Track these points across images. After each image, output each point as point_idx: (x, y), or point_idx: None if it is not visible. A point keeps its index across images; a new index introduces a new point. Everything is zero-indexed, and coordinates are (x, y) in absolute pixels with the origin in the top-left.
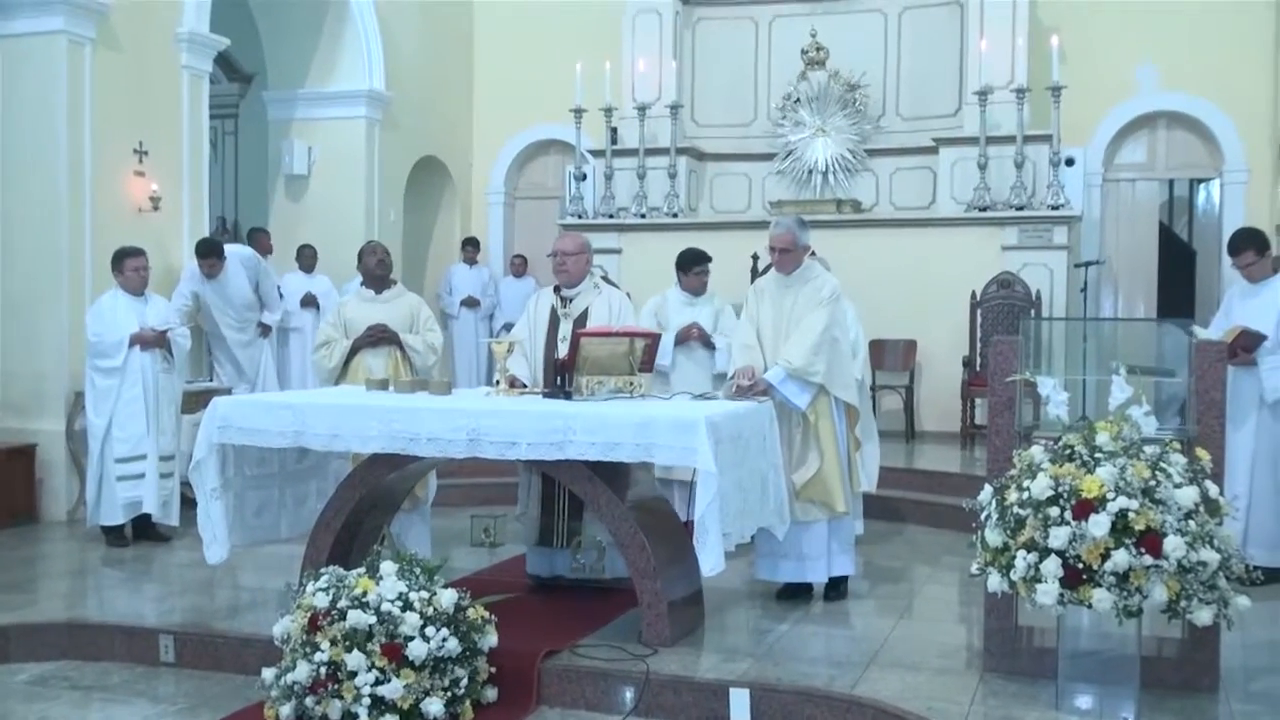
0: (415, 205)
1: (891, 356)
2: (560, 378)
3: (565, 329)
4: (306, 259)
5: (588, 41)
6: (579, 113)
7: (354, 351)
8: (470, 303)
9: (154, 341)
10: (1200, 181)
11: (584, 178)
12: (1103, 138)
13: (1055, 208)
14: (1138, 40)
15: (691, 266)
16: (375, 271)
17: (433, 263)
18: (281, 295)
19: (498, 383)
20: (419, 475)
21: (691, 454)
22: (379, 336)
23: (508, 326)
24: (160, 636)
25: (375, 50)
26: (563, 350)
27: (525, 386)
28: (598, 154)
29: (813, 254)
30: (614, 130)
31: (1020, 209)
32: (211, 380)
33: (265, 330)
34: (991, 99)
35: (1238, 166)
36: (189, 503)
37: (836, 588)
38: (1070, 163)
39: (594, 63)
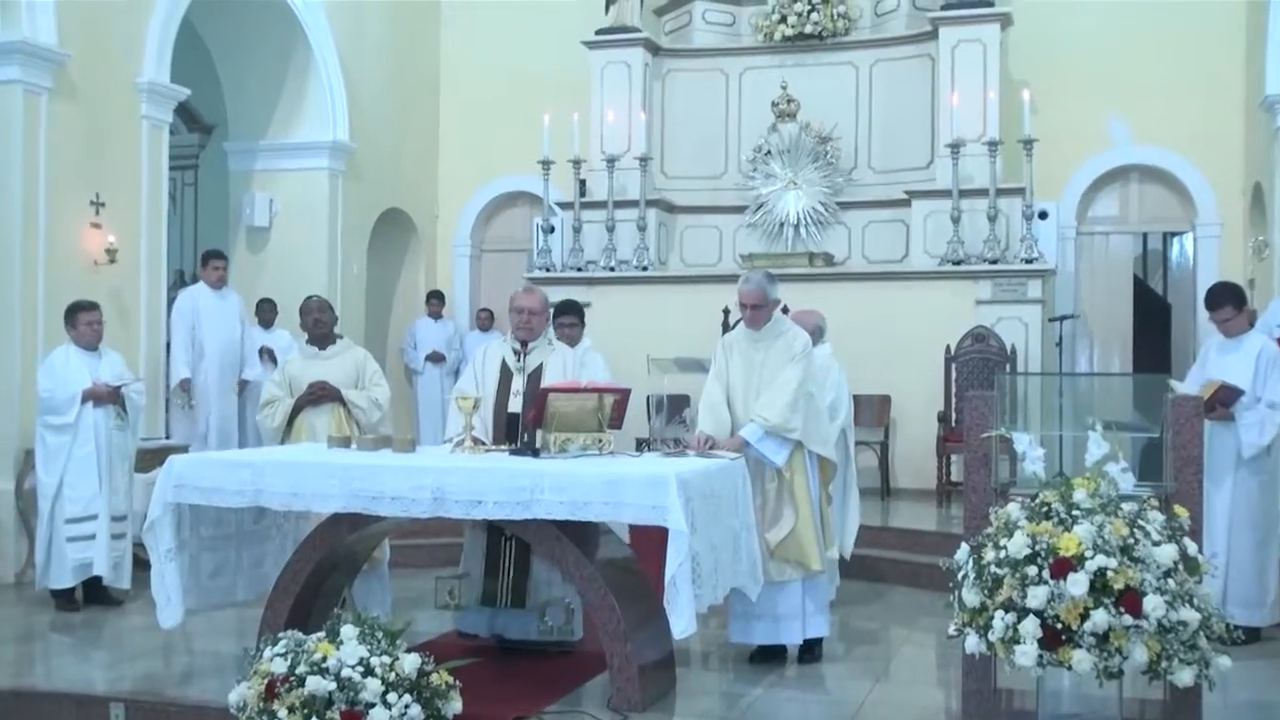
0: (379, 258)
1: (866, 412)
2: (516, 433)
3: (519, 383)
4: (265, 313)
5: (556, 92)
6: (547, 164)
7: (298, 410)
8: (435, 358)
9: (107, 397)
10: (1174, 235)
11: (552, 230)
12: (1076, 191)
13: (1029, 261)
14: (1109, 93)
15: (557, 318)
16: (312, 330)
17: (397, 317)
18: (268, 356)
19: (462, 440)
20: (381, 536)
21: (662, 512)
22: (319, 394)
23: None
24: (111, 705)
25: (339, 100)
26: (515, 405)
27: (485, 443)
28: (566, 206)
29: (785, 309)
30: (582, 182)
31: (994, 262)
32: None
33: (242, 386)
34: (964, 151)
35: (1211, 220)
36: (142, 565)
37: (811, 650)
38: (1044, 216)
39: (562, 114)
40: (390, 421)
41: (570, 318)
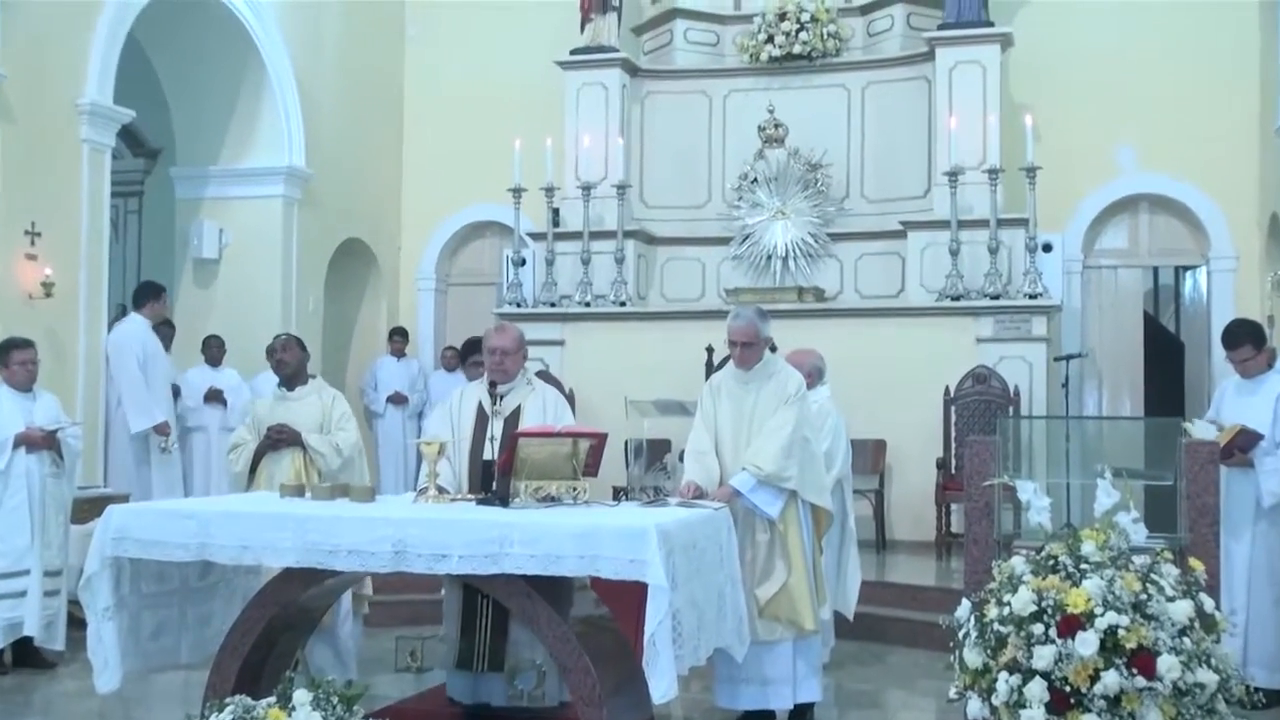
0: (337, 292)
1: (860, 458)
2: (494, 482)
3: (495, 428)
4: (213, 351)
5: (528, 116)
6: (518, 192)
7: (260, 455)
8: (397, 399)
9: (42, 443)
10: (1186, 269)
11: (523, 263)
12: (1082, 222)
13: (1033, 296)
14: (1116, 119)
15: (468, 356)
16: (276, 370)
17: (356, 355)
18: (178, 394)
19: (425, 489)
20: (338, 592)
21: (641, 566)
22: (277, 438)
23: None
24: None
25: (295, 123)
26: (491, 451)
27: (448, 492)
28: (538, 237)
29: (773, 348)
30: (556, 211)
31: (995, 298)
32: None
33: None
34: (962, 180)
35: (1225, 253)
36: (77, 624)
37: (803, 716)
38: (1048, 248)
39: (534, 139)
40: (357, 469)
41: (477, 356)
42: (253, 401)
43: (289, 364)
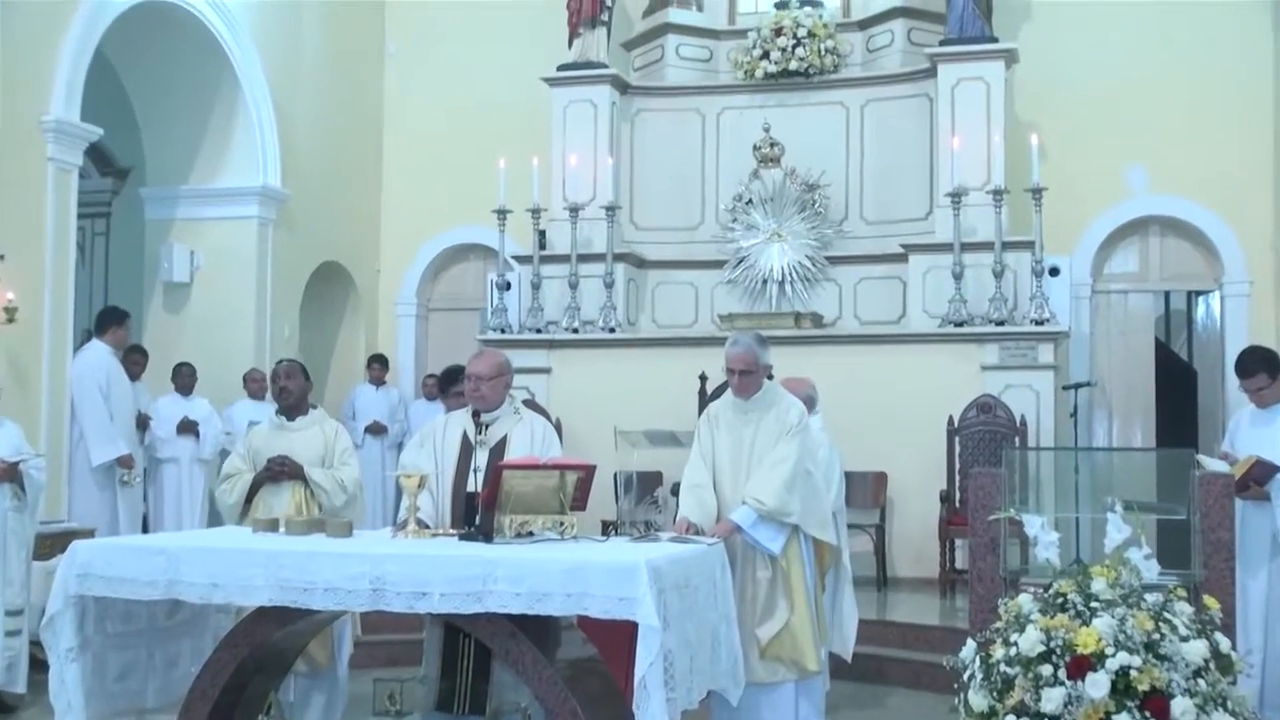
0: (314, 317)
1: (859, 491)
2: (477, 516)
3: (480, 459)
4: (184, 379)
5: (513, 134)
6: (503, 214)
7: (256, 487)
8: (376, 429)
9: (3, 474)
10: (1199, 294)
11: (508, 287)
12: (1090, 245)
13: (1040, 322)
14: (1125, 138)
15: (448, 386)
16: (278, 399)
17: (334, 383)
18: (147, 424)
19: (405, 523)
20: (313, 631)
21: (631, 605)
22: (278, 471)
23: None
24: None
25: (270, 142)
26: (475, 483)
27: (429, 526)
28: (524, 260)
29: (771, 375)
30: (542, 233)
31: (1001, 324)
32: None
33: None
34: (966, 201)
35: (1239, 277)
36: (40, 666)
37: None
38: (1055, 272)
39: (520, 158)
40: (359, 506)
41: (458, 386)
42: (249, 430)
43: (292, 392)
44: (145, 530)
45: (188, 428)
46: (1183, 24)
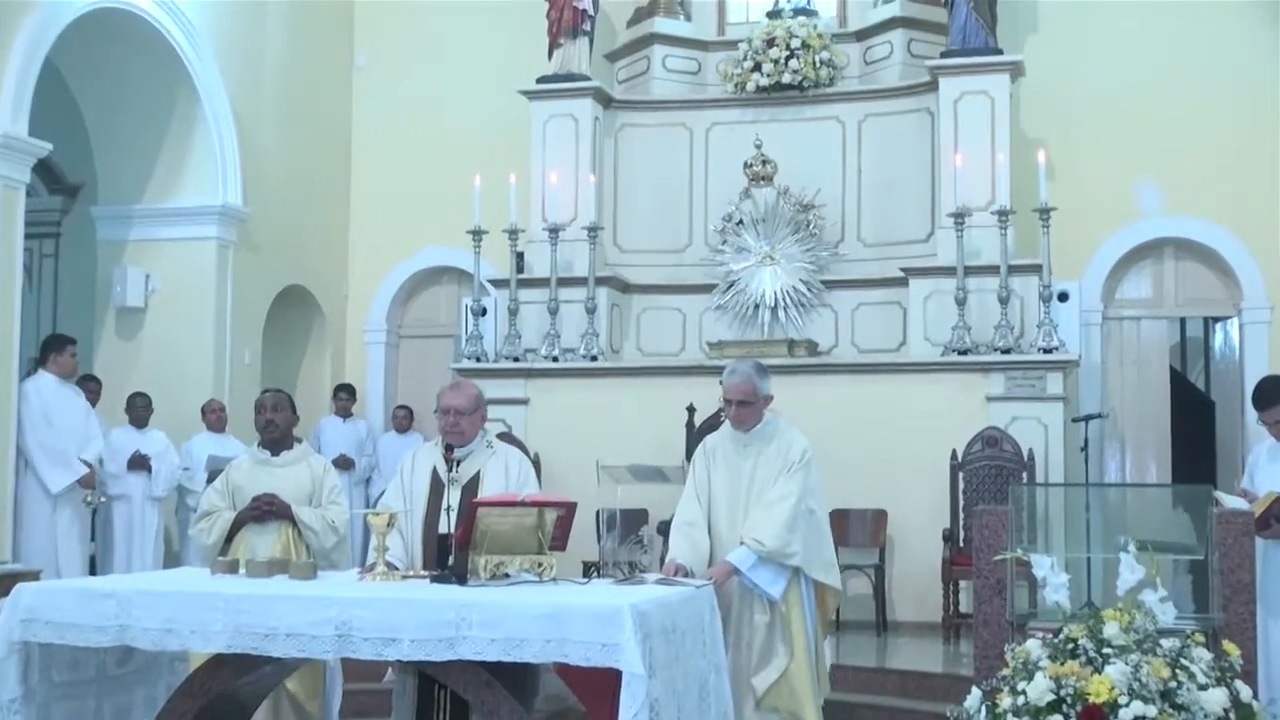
0: (277, 345)
1: (857, 530)
2: (450, 557)
3: (452, 496)
4: (138, 411)
5: (489, 151)
6: (478, 235)
7: (238, 525)
8: (343, 464)
9: None
10: (1216, 320)
11: (484, 312)
12: (1101, 268)
13: (1048, 351)
14: (1138, 156)
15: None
16: (263, 431)
17: (298, 414)
18: (101, 462)
19: (373, 565)
20: (276, 680)
21: (615, 651)
22: (265, 510)
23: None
24: None
25: (231, 158)
26: (447, 523)
27: (398, 568)
28: (500, 284)
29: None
30: (520, 256)
31: (1006, 352)
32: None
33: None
34: (969, 222)
35: (1258, 303)
36: None
37: None
38: (1064, 297)
39: (496, 176)
40: (348, 549)
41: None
42: (228, 466)
43: (279, 425)
44: (93, 572)
45: (139, 463)
46: (1199, 34)
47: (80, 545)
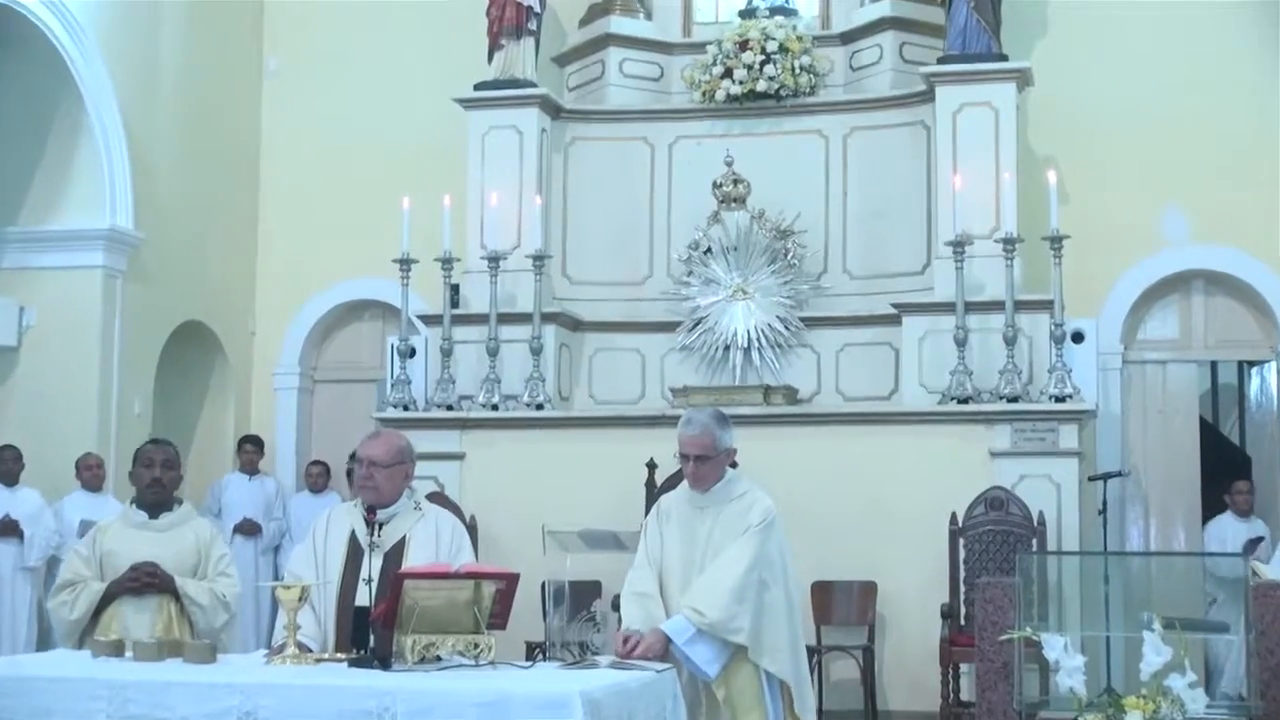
0: (172, 390)
1: (842, 605)
2: (371, 637)
3: (373, 565)
4: (7, 466)
5: (420, 168)
6: (406, 264)
7: (109, 599)
8: (248, 528)
9: None
10: (1252, 364)
11: (412, 353)
12: (1120, 305)
13: (1061, 399)
14: (1162, 177)
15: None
16: (146, 490)
17: (196, 471)
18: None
19: (282, 646)
20: None
21: None
22: (145, 581)
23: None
24: None
25: (121, 175)
26: (367, 596)
27: (311, 650)
28: (432, 321)
29: (735, 463)
30: (455, 288)
31: (1013, 401)
32: None
33: None
34: (970, 252)
35: None
36: None
37: None
38: (1079, 338)
39: (428, 196)
40: (237, 626)
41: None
42: (94, 528)
43: (166, 486)
44: None
45: (8, 528)
46: (1230, 40)
47: None
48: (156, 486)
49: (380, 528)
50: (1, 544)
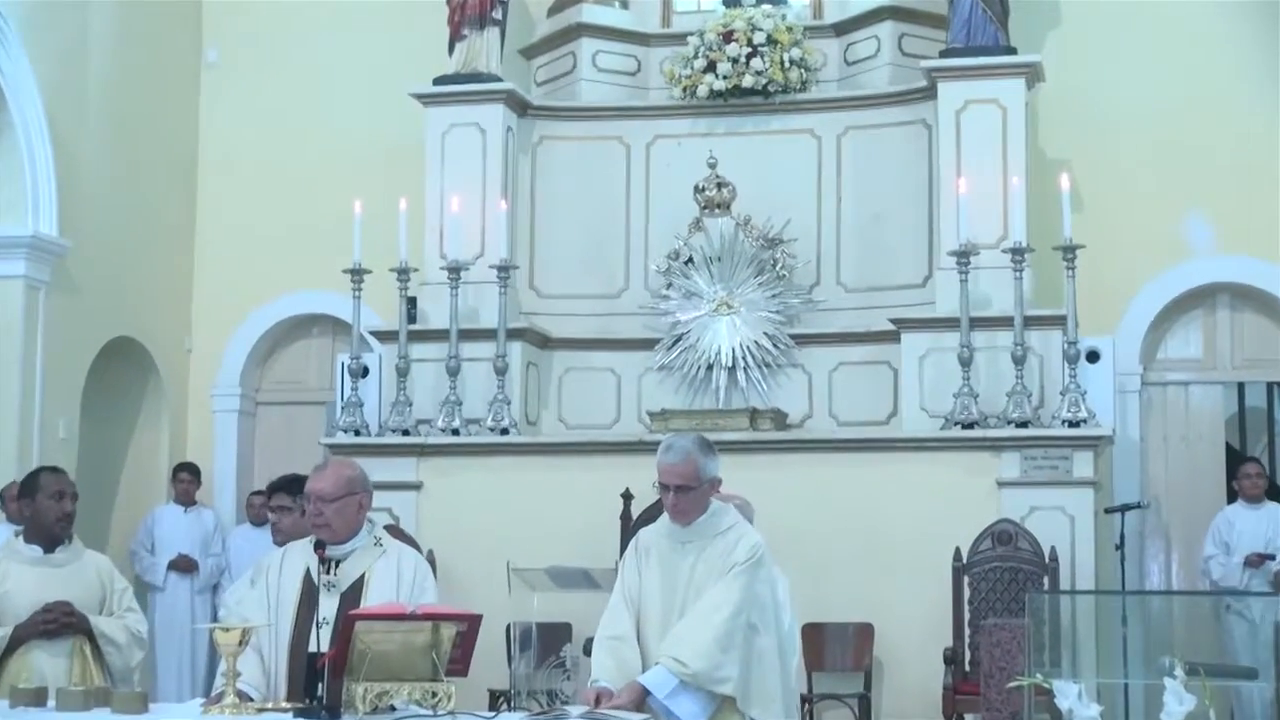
0: (100, 412)
1: (836, 649)
2: (319, 684)
3: (328, 607)
4: None
5: (373, 170)
6: (358, 275)
7: (17, 644)
8: (183, 565)
9: None
10: None
11: (365, 373)
12: (1139, 322)
13: (1074, 424)
14: (1184, 181)
15: (269, 496)
16: (58, 525)
17: (125, 502)
18: None
19: (221, 694)
20: None
21: None
22: (61, 622)
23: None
24: None
25: (44, 178)
26: (318, 641)
27: (252, 699)
28: (386, 337)
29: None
30: (412, 302)
31: (1023, 425)
32: None
33: None
34: (976, 263)
35: None
36: None
37: None
38: (1094, 357)
39: (382, 201)
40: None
41: (283, 497)
42: None
43: (71, 516)
44: None
45: None
46: (1264, 30)
47: None
48: (66, 520)
49: (336, 565)
50: None
